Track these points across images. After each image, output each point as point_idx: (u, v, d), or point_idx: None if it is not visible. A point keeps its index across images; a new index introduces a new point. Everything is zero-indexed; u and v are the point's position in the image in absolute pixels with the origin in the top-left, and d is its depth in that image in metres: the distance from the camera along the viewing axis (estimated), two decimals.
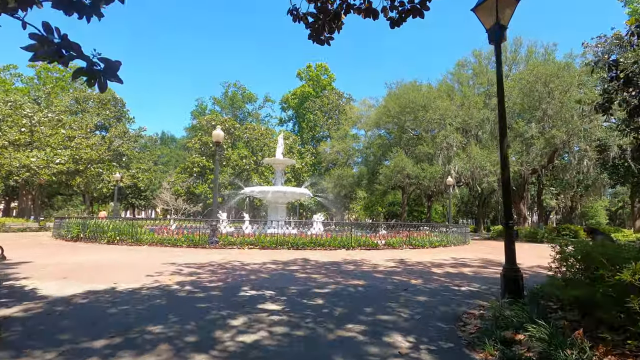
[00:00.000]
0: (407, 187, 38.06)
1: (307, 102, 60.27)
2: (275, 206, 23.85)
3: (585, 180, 26.18)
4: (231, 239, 13.08)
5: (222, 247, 12.87)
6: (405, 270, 8.49)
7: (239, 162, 47.71)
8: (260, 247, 12.88)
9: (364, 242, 13.80)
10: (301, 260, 9.87)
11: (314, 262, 9.59)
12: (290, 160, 25.96)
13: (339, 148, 45.35)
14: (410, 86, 33.25)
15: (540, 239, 27.94)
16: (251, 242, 13.02)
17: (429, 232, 16.41)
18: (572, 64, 26.66)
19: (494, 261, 11.06)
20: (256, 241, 13.01)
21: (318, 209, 54.26)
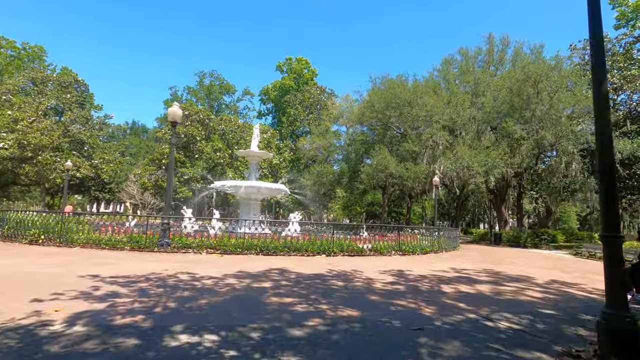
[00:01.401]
0: (389, 187, 36.62)
1: (288, 95, 57.84)
2: (248, 203, 21.63)
3: (573, 184, 25.42)
4: (187, 241, 10.75)
5: (174, 250, 10.54)
6: (408, 289, 6.56)
7: (212, 156, 44.72)
8: (222, 252, 10.63)
9: (348, 246, 11.84)
10: (275, 271, 7.75)
11: (291, 274, 7.49)
12: (267, 154, 23.67)
13: (320, 144, 43.33)
14: (396, 81, 31.69)
15: (523, 243, 27.15)
16: (212, 245, 10.74)
17: (420, 237, 14.65)
18: (561, 65, 25.88)
19: (502, 274, 9.37)
20: (218, 244, 10.74)
21: (296, 207, 52.18)
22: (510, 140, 25.91)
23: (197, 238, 11.26)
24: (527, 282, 8.15)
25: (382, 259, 11.32)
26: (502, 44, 32.19)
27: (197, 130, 45.03)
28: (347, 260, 10.49)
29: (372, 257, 11.63)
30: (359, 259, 10.99)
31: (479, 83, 30.44)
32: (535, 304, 5.88)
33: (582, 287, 8.02)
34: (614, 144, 22.13)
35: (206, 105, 64.03)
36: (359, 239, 13.52)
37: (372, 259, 11.16)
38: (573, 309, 5.65)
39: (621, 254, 3.28)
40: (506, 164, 24.74)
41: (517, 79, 25.89)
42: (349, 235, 14.12)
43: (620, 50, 27.91)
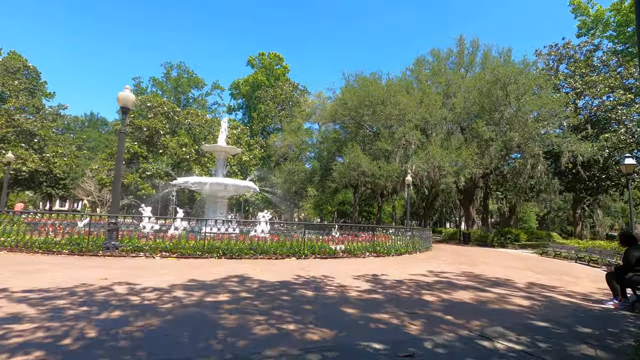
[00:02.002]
0: (360, 185, 36.32)
1: (259, 90, 56.20)
2: (215, 201, 20.36)
3: (538, 185, 26.14)
4: (138, 243, 9.46)
5: (123, 254, 9.24)
6: (387, 298, 5.81)
7: (178, 151, 42.39)
8: (179, 255, 9.46)
9: (320, 248, 11.01)
10: (235, 279, 6.75)
11: (254, 283, 6.53)
12: (235, 149, 22.39)
13: (291, 141, 42.29)
14: (369, 79, 31.30)
15: (490, 242, 27.67)
16: (168, 247, 9.53)
17: (394, 237, 14.09)
18: (528, 70, 26.52)
19: (482, 277, 8.92)
20: (175, 247, 9.55)
21: (266, 206, 50.82)
22: (479, 141, 26.23)
23: (151, 240, 9.98)
24: (509, 287, 7.69)
25: (356, 262, 10.60)
26: (472, 46, 32.69)
27: (161, 123, 42.54)
28: (318, 264, 9.67)
29: (345, 260, 10.89)
30: (332, 262, 10.20)
31: (450, 84, 30.72)
32: (526, 314, 5.32)
33: (561, 290, 7.68)
34: (575, 147, 23.13)
35: (173, 99, 61.05)
36: (331, 239, 12.74)
37: (346, 262, 10.41)
38: (566, 319, 5.14)
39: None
40: (476, 164, 24.99)
41: (487, 81, 26.24)
42: (320, 236, 13.31)
43: (582, 57, 29.10)
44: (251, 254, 9.92)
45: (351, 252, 11.49)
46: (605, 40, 30.77)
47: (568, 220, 68.07)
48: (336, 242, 12.29)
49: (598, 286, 8.62)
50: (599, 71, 27.58)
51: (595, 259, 15.17)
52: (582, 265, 15.07)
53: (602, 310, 5.91)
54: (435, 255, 14.77)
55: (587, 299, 6.84)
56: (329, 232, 18.72)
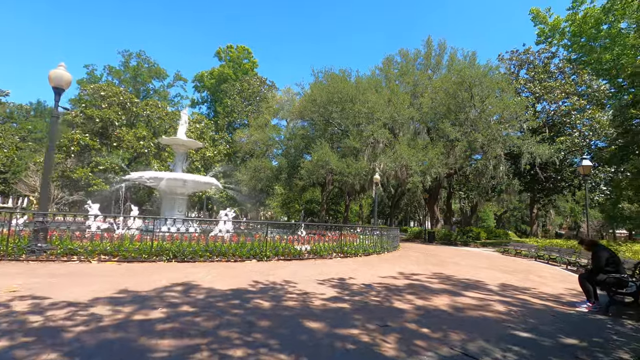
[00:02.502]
0: (328, 184, 35.88)
1: (225, 84, 54.13)
2: (172, 198, 18.92)
3: (499, 185, 26.91)
4: (71, 245, 8.14)
5: (52, 259, 7.89)
6: (356, 307, 5.12)
7: (135, 144, 39.57)
8: (122, 259, 8.26)
9: (284, 248, 10.18)
10: (179, 288, 5.77)
11: (200, 292, 5.60)
12: (196, 143, 20.95)
13: (258, 137, 40.98)
14: (339, 76, 30.80)
15: (453, 241, 28.21)
16: (108, 250, 8.29)
17: (362, 237, 13.53)
18: (492, 73, 27.22)
19: (453, 279, 8.53)
20: (117, 249, 8.33)
21: (231, 204, 49.09)
22: (445, 141, 26.55)
23: (88, 241, 8.64)
24: (482, 289, 7.31)
25: (322, 264, 9.89)
26: (440, 48, 33.15)
27: (116, 114, 39.56)
28: (281, 267, 8.84)
29: (310, 261, 10.14)
30: (296, 264, 9.41)
31: (418, 84, 30.96)
32: (506, 323, 4.85)
33: (533, 292, 7.42)
34: (534, 148, 23.98)
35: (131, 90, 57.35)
36: (297, 239, 11.95)
37: (311, 264, 9.67)
38: (547, 327, 4.73)
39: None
40: (442, 164, 25.25)
41: (453, 82, 26.61)
42: (285, 235, 12.48)
43: (540, 63, 30.37)
44: (207, 257, 8.89)
45: (317, 253, 10.77)
46: (562, 49, 32.44)
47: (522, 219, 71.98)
48: (302, 242, 11.53)
49: (564, 286, 8.53)
50: (556, 77, 28.90)
51: (554, 257, 15.58)
52: (542, 263, 15.40)
53: (579, 315, 5.61)
54: (403, 254, 14.44)
55: (559, 301, 6.58)
56: (295, 231, 17.96)
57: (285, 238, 11.00)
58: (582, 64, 29.63)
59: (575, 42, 31.48)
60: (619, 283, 5.81)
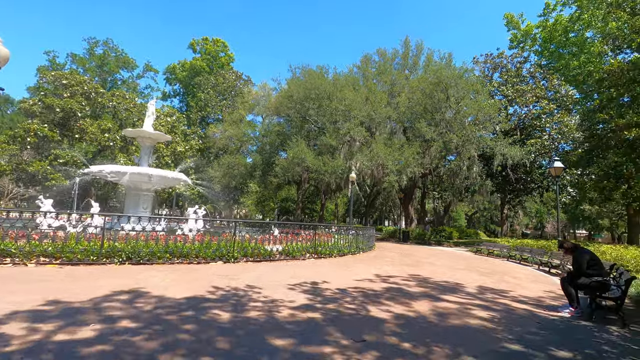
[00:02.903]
0: (304, 182, 35.31)
1: (199, 77, 52.21)
2: (137, 194, 17.72)
3: (473, 186, 27.30)
4: (3, 246, 7.05)
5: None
6: (329, 318, 4.55)
7: (99, 137, 37.24)
8: (64, 262, 7.27)
9: (253, 249, 9.47)
10: (124, 297, 4.98)
11: (149, 302, 4.84)
12: (164, 135, 19.70)
13: (232, 133, 39.74)
14: (316, 72, 30.22)
15: (427, 240, 28.39)
16: (48, 251, 7.27)
17: (337, 236, 13.00)
18: (467, 74, 27.56)
19: (431, 281, 8.15)
20: (59, 250, 7.32)
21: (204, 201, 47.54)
22: (421, 141, 26.61)
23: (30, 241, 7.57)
24: (462, 293, 6.95)
25: (295, 265, 9.27)
26: (417, 49, 33.25)
27: (79, 104, 37.08)
28: (250, 269, 8.14)
29: (282, 263, 9.49)
30: (266, 266, 8.74)
31: (395, 84, 30.88)
32: (492, 332, 4.43)
33: (512, 295, 7.15)
34: (507, 150, 24.45)
35: (97, 79, 54.23)
36: (269, 238, 11.25)
37: (283, 266, 9.02)
38: (535, 336, 4.35)
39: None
40: (417, 163, 25.27)
41: (430, 82, 26.71)
42: (256, 235, 11.75)
43: (513, 67, 31.12)
44: (166, 259, 8.04)
45: (289, 254, 10.12)
46: (533, 54, 33.45)
47: (492, 219, 74.35)
48: (275, 241, 10.85)
49: (541, 288, 8.37)
50: (527, 82, 29.69)
51: (526, 258, 15.74)
52: (514, 263, 15.51)
53: (563, 321, 5.31)
54: (379, 255, 14.07)
55: (540, 305, 6.31)
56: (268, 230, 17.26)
57: (256, 238, 10.27)
58: (552, 69, 30.61)
59: (546, 48, 32.54)
60: (602, 287, 5.57)
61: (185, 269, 7.67)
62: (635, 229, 24.83)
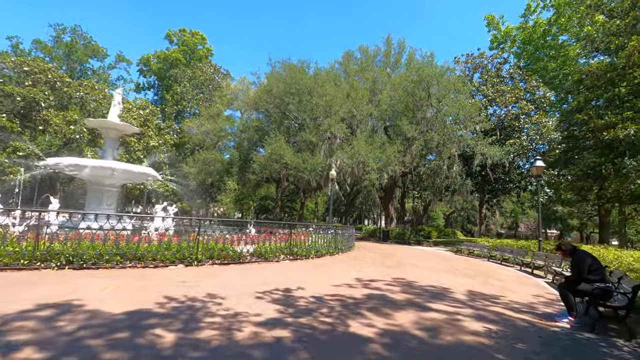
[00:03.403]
0: (283, 180, 34.35)
1: (175, 70, 50.13)
2: (99, 190, 16.31)
3: (453, 185, 27.17)
4: None
5: None
6: (300, 337, 3.73)
7: (64, 129, 34.88)
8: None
9: (220, 250, 8.51)
10: (46, 312, 3.98)
11: (76, 319, 3.86)
12: (130, 127, 18.24)
13: (209, 128, 38.29)
14: (297, 67, 29.26)
15: (407, 240, 28.07)
16: None
17: (314, 236, 12.17)
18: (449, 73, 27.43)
19: (416, 286, 7.47)
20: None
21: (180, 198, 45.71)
22: (403, 139, 26.23)
23: None
24: (450, 300, 6.30)
25: (267, 268, 8.39)
26: (399, 47, 32.88)
27: (43, 94, 34.61)
28: (215, 273, 7.21)
29: (253, 266, 8.59)
30: (234, 270, 7.82)
31: (377, 81, 30.38)
32: (492, 352, 3.75)
33: (503, 302, 6.57)
34: (487, 150, 24.40)
35: (65, 69, 51.14)
36: (243, 238, 10.31)
37: (253, 269, 8.13)
38: (540, 356, 3.70)
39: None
40: (399, 162, 24.86)
41: (412, 80, 26.36)
42: (232, 232, 10.77)
43: (493, 68, 31.29)
44: (116, 262, 6.98)
45: (262, 255, 9.22)
46: (512, 56, 33.82)
47: (469, 219, 75.67)
48: (248, 241, 9.92)
49: (529, 292, 7.88)
50: (507, 82, 29.89)
51: (507, 258, 15.48)
52: (495, 264, 15.21)
53: (565, 334, 4.72)
54: (359, 255, 13.37)
55: (535, 313, 5.73)
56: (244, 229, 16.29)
57: (225, 237, 9.30)
58: (530, 71, 30.99)
59: (525, 50, 32.96)
60: (605, 294, 5.03)
61: (137, 274, 6.65)
62: (606, 229, 25.38)
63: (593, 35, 19.69)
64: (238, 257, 8.60)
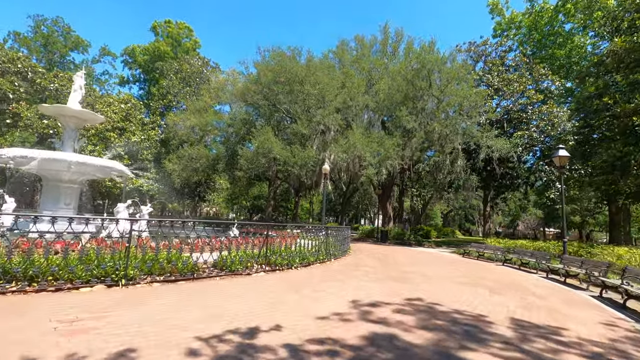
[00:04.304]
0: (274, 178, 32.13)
1: (161, 62, 47.56)
2: (56, 187, 14.04)
3: (457, 180, 25.05)
4: None
5: None
6: None
7: (36, 123, 32.29)
8: None
9: (163, 262, 6.21)
10: None
11: None
12: (93, 115, 15.82)
13: (195, 122, 35.78)
14: (288, 55, 26.88)
15: (407, 240, 25.99)
16: None
17: (302, 238, 9.92)
18: (453, 58, 25.36)
19: (436, 312, 5.24)
20: None
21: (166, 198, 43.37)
22: (402, 131, 24.10)
23: None
24: (495, 341, 4.09)
25: (230, 287, 6.13)
26: (397, 36, 30.72)
27: (12, 85, 32.00)
28: (143, 299, 4.94)
29: (212, 283, 6.31)
30: (180, 291, 5.55)
31: (374, 72, 28.22)
32: None
33: (572, 340, 4.39)
34: (493, 142, 22.30)
35: (44, 63, 48.48)
36: (209, 242, 8.03)
37: (210, 289, 5.86)
38: None
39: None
40: (398, 155, 22.73)
41: (412, 68, 24.28)
42: (212, 235, 8.48)
43: (497, 56, 29.24)
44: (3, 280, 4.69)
45: (227, 267, 6.94)
46: (517, 44, 31.77)
47: (467, 217, 73.89)
48: (218, 247, 7.65)
49: (593, 318, 5.71)
50: (512, 71, 27.87)
51: (526, 262, 13.35)
52: (513, 269, 13.12)
53: None
54: (355, 262, 11.14)
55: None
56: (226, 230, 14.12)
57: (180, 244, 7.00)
58: (538, 58, 29.00)
59: (531, 37, 30.95)
60: None
61: (17, 303, 4.36)
62: (617, 227, 23.48)
63: (615, 12, 17.64)
64: (190, 270, 6.30)
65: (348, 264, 10.42)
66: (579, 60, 28.96)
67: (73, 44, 49.73)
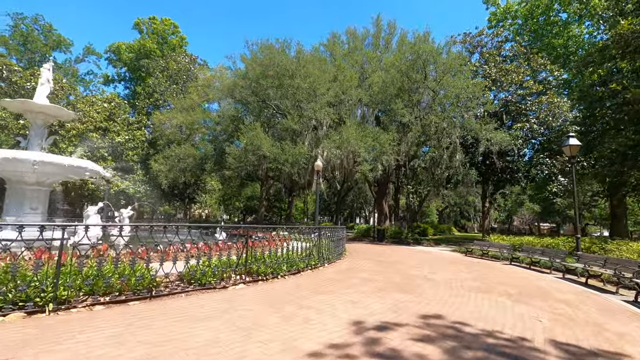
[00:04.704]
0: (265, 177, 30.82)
1: (147, 60, 45.92)
2: (21, 189, 12.71)
3: (456, 175, 24.03)
4: None
5: None
6: None
7: (11, 124, 30.59)
8: None
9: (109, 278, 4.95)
10: None
11: None
12: (63, 110, 14.43)
13: (182, 121, 34.32)
14: (277, 48, 25.53)
15: (405, 239, 24.96)
16: None
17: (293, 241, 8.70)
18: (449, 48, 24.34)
19: (465, 337, 4.06)
20: None
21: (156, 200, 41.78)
22: (398, 125, 22.98)
23: None
24: None
25: (197, 306, 4.89)
26: (390, 28, 29.63)
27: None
28: (86, 328, 3.70)
29: (176, 303, 5.06)
30: (132, 315, 4.31)
31: (367, 65, 27.08)
32: None
33: None
34: (492, 135, 21.30)
35: (25, 63, 46.49)
36: (183, 249, 6.78)
37: (168, 311, 4.62)
38: None
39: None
40: (394, 151, 21.62)
41: (406, 59, 23.19)
42: (196, 239, 7.20)
43: (493, 47, 28.28)
44: None
45: (197, 280, 5.71)
46: (513, 35, 30.87)
47: (462, 214, 73.22)
48: (194, 254, 6.40)
49: None
50: (509, 62, 26.94)
51: (537, 261, 12.28)
52: (522, 268, 12.07)
53: None
54: (352, 267, 9.95)
55: None
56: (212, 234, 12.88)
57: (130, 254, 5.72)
58: (535, 49, 28.11)
59: (527, 26, 30.08)
60: None
61: None
62: (620, 221, 22.70)
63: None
64: (147, 286, 5.04)
65: (344, 270, 9.21)
66: (576, 50, 28.19)
67: (54, 42, 47.81)
